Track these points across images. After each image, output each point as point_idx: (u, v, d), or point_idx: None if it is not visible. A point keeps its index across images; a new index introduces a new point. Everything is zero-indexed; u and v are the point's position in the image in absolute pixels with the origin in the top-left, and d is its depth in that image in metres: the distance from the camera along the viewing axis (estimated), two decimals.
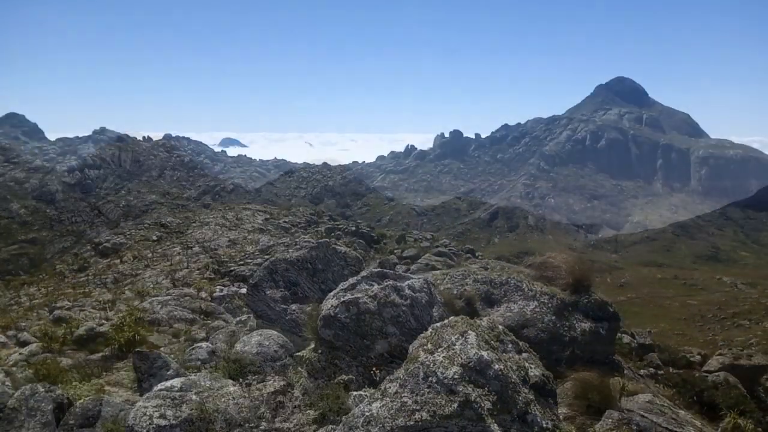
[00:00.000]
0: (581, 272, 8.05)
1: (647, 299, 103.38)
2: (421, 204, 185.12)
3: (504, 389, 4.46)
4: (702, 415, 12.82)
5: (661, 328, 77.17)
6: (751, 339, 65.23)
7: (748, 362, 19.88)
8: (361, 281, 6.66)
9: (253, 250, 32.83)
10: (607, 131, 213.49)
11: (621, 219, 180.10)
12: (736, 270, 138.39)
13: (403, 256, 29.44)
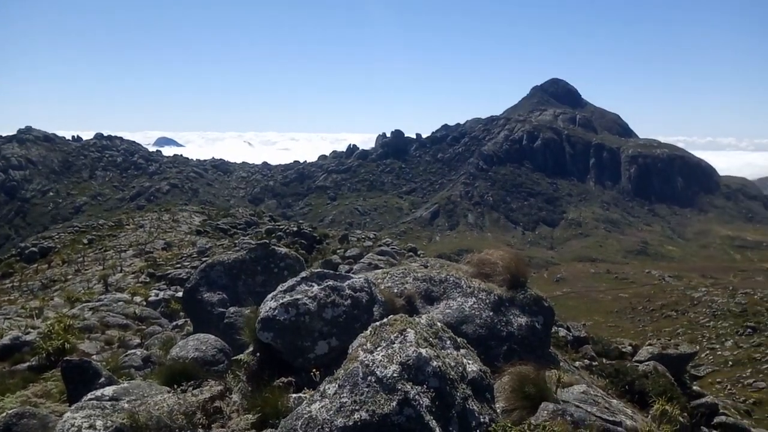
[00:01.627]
0: (517, 268, 8.23)
1: (582, 293, 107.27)
2: (364, 203, 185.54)
3: (442, 386, 4.51)
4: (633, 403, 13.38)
5: (595, 320, 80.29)
6: (678, 329, 68.77)
7: (675, 351, 20.82)
8: (301, 282, 6.59)
9: (191, 252, 32.00)
10: (543, 131, 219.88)
11: (556, 216, 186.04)
12: (663, 264, 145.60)
13: (346, 255, 29.35)
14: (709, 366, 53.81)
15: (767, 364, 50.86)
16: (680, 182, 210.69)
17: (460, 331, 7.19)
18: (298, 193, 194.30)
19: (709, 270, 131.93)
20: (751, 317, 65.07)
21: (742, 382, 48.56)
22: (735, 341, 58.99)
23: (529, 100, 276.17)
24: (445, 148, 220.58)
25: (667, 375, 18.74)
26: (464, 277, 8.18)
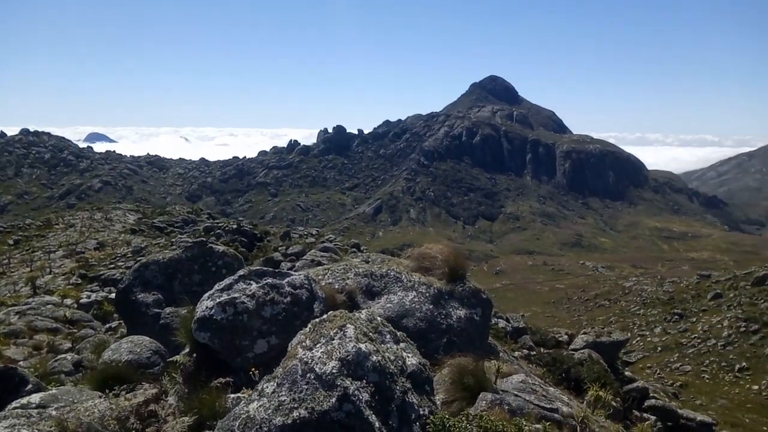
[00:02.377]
0: (456, 262, 8.36)
1: (520, 285, 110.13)
2: (306, 200, 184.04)
3: (382, 380, 4.52)
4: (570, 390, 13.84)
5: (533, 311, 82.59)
6: (611, 317, 71.62)
7: (608, 339, 21.61)
8: (239, 280, 6.45)
9: (125, 252, 30.88)
10: (482, 127, 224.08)
11: (495, 210, 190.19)
12: (596, 255, 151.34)
13: (288, 253, 28.99)
14: (640, 352, 56.32)
15: (693, 348, 53.69)
16: (611, 176, 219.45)
17: (401, 324, 7.24)
18: (237, 189, 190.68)
19: (638, 260, 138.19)
20: (677, 304, 68.48)
21: (670, 367, 51.08)
22: (663, 328, 61.96)
23: (468, 96, 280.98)
24: (387, 143, 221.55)
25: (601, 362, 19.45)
26: (405, 271, 8.23)
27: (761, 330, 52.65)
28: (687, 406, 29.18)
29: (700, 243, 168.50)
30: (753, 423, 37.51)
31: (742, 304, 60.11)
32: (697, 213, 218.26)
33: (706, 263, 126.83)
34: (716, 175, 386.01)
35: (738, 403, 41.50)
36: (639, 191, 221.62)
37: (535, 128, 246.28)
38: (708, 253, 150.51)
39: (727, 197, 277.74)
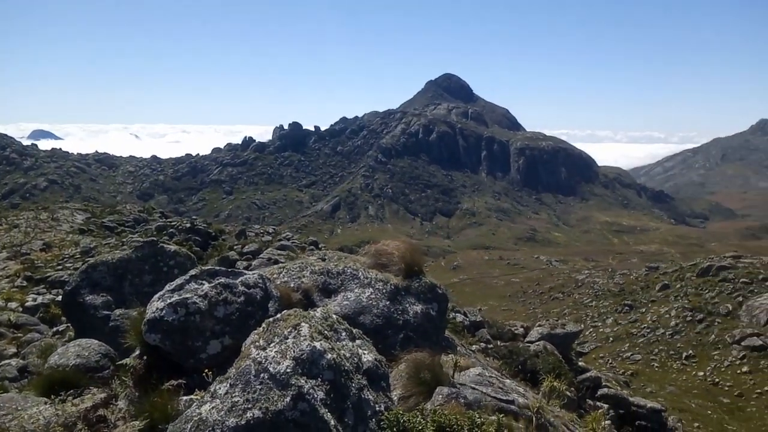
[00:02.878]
0: (413, 257, 8.39)
1: (477, 279, 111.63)
2: (262, 197, 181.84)
3: (337, 378, 4.50)
4: (526, 382, 14.09)
5: (490, 305, 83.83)
6: (565, 309, 73.36)
7: (562, 330, 22.06)
8: (190, 280, 6.31)
9: (73, 252, 29.87)
10: (438, 125, 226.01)
11: (452, 207, 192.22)
12: (550, 249, 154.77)
13: (244, 252, 28.56)
14: (593, 342, 57.90)
15: (642, 338, 55.50)
16: (564, 172, 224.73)
17: (358, 321, 7.22)
18: (191, 187, 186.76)
19: (590, 254, 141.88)
20: (627, 296, 70.68)
21: (621, 356, 52.69)
22: (615, 318, 63.83)
23: (424, 94, 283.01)
24: (344, 140, 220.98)
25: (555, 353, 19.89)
26: (362, 268, 8.21)
27: (706, 319, 54.83)
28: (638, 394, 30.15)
29: (648, 236, 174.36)
30: (699, 408, 39.08)
31: (688, 294, 62.44)
32: (645, 207, 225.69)
33: (654, 256, 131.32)
34: (663, 170, 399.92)
35: (685, 389, 43.16)
36: (590, 187, 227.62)
37: (490, 126, 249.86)
38: (656, 246, 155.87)
39: (673, 192, 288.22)
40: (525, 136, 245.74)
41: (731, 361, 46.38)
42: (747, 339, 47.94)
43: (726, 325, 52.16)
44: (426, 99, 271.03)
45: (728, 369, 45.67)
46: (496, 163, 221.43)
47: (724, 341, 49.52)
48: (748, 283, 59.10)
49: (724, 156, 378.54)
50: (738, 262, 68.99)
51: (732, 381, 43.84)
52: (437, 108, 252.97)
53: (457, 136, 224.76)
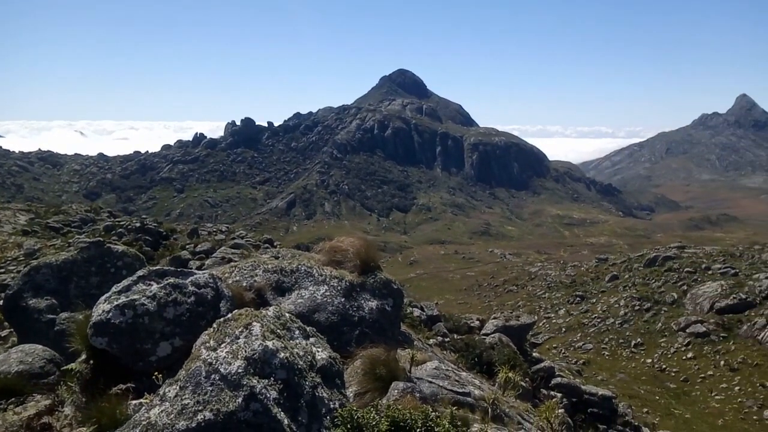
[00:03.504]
0: (367, 254, 8.38)
1: (433, 274, 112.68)
2: (215, 195, 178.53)
3: (291, 377, 4.44)
4: (482, 374, 14.29)
5: (446, 299, 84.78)
6: (519, 301, 74.82)
7: (516, 322, 22.45)
8: (138, 281, 6.13)
9: (16, 255, 28.67)
10: (393, 120, 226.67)
11: (408, 202, 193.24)
12: (504, 243, 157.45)
13: (197, 251, 27.99)
14: (546, 333, 59.30)
15: (594, 328, 57.15)
16: (516, 167, 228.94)
17: (313, 319, 7.17)
18: (140, 186, 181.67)
19: (543, 247, 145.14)
20: (579, 287, 72.67)
21: (573, 346, 54.15)
22: (567, 309, 65.54)
23: (378, 90, 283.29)
24: (298, 136, 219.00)
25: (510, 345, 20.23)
26: (316, 265, 8.15)
27: (653, 308, 56.86)
28: (590, 382, 31.04)
29: (597, 228, 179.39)
30: (647, 393, 40.54)
31: (636, 284, 64.62)
32: (594, 200, 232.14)
33: (604, 247, 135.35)
34: (611, 164, 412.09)
35: (634, 376, 44.70)
36: (541, 181, 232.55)
37: (444, 121, 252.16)
38: (605, 238, 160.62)
39: (621, 185, 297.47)
40: (478, 131, 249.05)
41: (677, 348, 48.27)
42: (691, 326, 49.98)
43: (672, 313, 54.24)
44: (380, 94, 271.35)
45: (674, 355, 47.53)
46: (451, 159, 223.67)
47: (671, 329, 51.50)
48: (692, 272, 61.58)
49: (668, 150, 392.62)
50: (682, 252, 71.80)
51: (678, 367, 45.65)
52: (392, 103, 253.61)
53: (412, 132, 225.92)
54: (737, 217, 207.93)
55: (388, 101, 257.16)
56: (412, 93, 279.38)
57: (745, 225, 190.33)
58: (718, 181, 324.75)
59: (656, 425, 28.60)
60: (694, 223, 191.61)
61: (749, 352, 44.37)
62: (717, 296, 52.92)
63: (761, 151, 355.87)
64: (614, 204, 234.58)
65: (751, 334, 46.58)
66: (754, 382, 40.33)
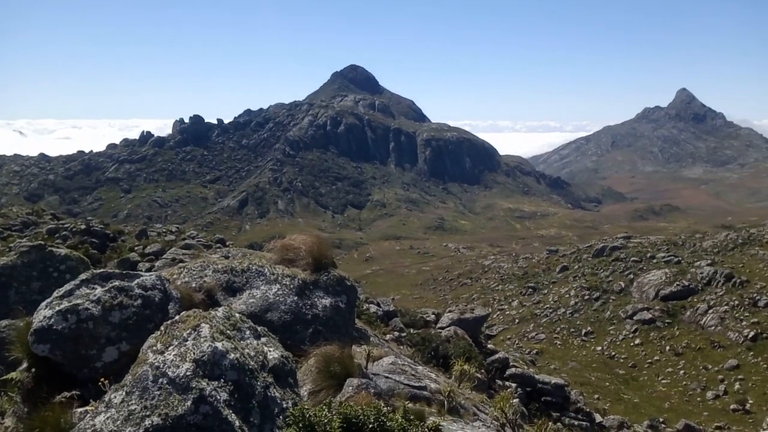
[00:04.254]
0: (320, 251, 8.33)
1: (389, 269, 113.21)
2: (164, 195, 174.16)
3: (242, 377, 4.38)
4: (438, 367, 14.45)
5: (402, 294, 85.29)
6: (473, 294, 75.94)
7: (471, 315, 22.80)
8: (81, 285, 5.91)
9: None
10: (346, 117, 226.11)
11: (363, 198, 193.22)
12: (458, 237, 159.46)
13: (146, 252, 27.26)
14: (500, 325, 60.43)
15: (546, 318, 58.55)
16: (468, 162, 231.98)
17: (265, 319, 7.08)
18: (85, 186, 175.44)
19: (495, 240, 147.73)
20: (531, 279, 74.31)
21: (527, 336, 55.36)
22: (520, 301, 66.93)
23: (330, 85, 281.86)
24: (249, 133, 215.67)
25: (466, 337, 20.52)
26: (268, 264, 8.05)
27: (602, 297, 58.67)
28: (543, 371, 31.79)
29: (547, 221, 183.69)
30: (598, 380, 41.82)
31: (585, 274, 66.51)
32: (544, 193, 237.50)
33: (554, 239, 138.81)
34: (559, 158, 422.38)
35: (585, 363, 46.05)
36: (493, 175, 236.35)
37: (397, 117, 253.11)
38: (555, 230, 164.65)
39: (569, 178, 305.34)
40: (430, 127, 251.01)
41: (625, 335, 50.00)
42: (638, 313, 51.85)
43: (620, 302, 56.11)
44: (332, 90, 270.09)
45: (623, 342, 49.21)
46: (404, 155, 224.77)
47: (619, 317, 53.28)
48: (638, 261, 63.81)
49: (613, 143, 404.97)
50: (628, 242, 74.31)
51: (626, 353, 47.29)
52: (344, 99, 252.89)
53: (365, 128, 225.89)
54: (679, 207, 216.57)
55: (340, 97, 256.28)
56: (364, 89, 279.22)
57: (687, 215, 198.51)
58: (661, 173, 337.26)
59: (607, 410, 29.53)
60: (639, 214, 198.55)
61: (692, 336, 46.33)
62: (661, 284, 55.03)
63: (700, 143, 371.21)
64: (563, 197, 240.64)
65: (694, 320, 48.64)
66: (698, 365, 42.15)
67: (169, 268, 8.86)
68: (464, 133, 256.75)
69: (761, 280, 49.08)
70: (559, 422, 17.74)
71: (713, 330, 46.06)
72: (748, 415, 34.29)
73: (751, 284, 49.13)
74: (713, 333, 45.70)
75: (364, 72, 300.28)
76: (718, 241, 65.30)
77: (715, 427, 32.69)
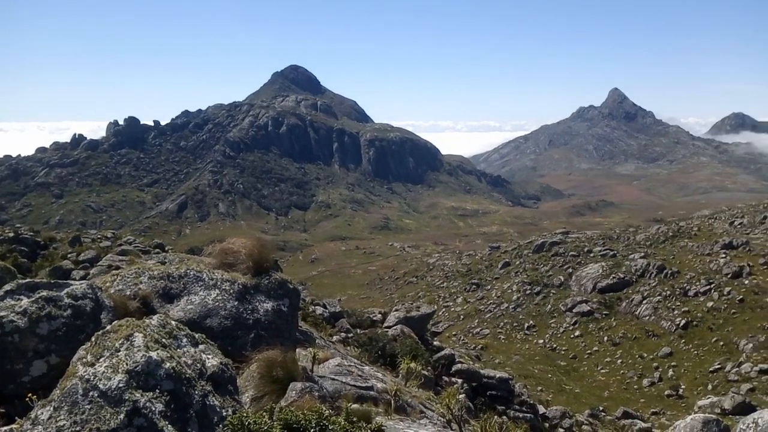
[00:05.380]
0: (261, 254, 8.18)
1: (335, 270, 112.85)
2: (98, 199, 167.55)
3: (178, 387, 4.23)
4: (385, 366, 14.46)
5: (349, 294, 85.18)
6: (419, 292, 76.65)
7: (417, 313, 22.97)
8: (5, 296, 5.60)
9: None
10: (287, 117, 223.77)
11: (307, 200, 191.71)
12: (403, 236, 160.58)
13: (80, 260, 26.08)
14: (446, 321, 61.24)
15: (489, 313, 59.73)
16: (412, 162, 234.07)
17: (205, 325, 6.90)
18: (12, 192, 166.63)
19: (439, 238, 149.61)
20: (474, 275, 75.65)
21: (471, 332, 56.31)
22: (464, 297, 68.02)
23: (271, 86, 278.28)
24: (187, 135, 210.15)
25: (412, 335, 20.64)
26: (206, 269, 7.85)
27: (543, 291, 60.32)
28: (488, 366, 32.39)
29: (489, 218, 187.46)
30: (541, 372, 42.95)
31: (526, 270, 68.22)
32: (485, 192, 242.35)
33: (495, 236, 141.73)
34: (499, 156, 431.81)
35: (528, 356, 47.22)
36: (436, 174, 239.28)
37: (339, 117, 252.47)
38: (496, 227, 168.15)
39: (509, 176, 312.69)
40: (374, 127, 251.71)
41: (566, 328, 51.58)
42: (577, 306, 53.60)
43: (560, 295, 57.85)
44: (273, 91, 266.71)
45: (563, 335, 50.76)
46: (348, 155, 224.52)
47: (559, 310, 54.93)
48: (576, 255, 65.97)
49: (550, 142, 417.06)
50: (567, 237, 76.71)
51: (567, 345, 48.79)
52: (285, 100, 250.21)
53: (307, 129, 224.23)
54: (614, 202, 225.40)
55: (281, 97, 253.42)
56: (305, 89, 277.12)
57: (621, 209, 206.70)
58: (596, 170, 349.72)
59: (550, 402, 30.35)
60: (576, 210, 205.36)
61: (629, 326, 48.26)
62: (598, 277, 57.08)
63: (632, 141, 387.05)
64: (504, 194, 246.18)
65: (629, 310, 50.69)
66: (634, 354, 43.94)
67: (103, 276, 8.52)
68: (407, 133, 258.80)
69: (690, 271, 51.63)
70: (504, 415, 18.06)
71: (647, 320, 48.11)
72: (681, 399, 35.98)
73: (681, 275, 51.58)
74: (647, 322, 47.72)
75: (306, 72, 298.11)
76: (650, 234, 68.31)
77: (651, 412, 34.12)
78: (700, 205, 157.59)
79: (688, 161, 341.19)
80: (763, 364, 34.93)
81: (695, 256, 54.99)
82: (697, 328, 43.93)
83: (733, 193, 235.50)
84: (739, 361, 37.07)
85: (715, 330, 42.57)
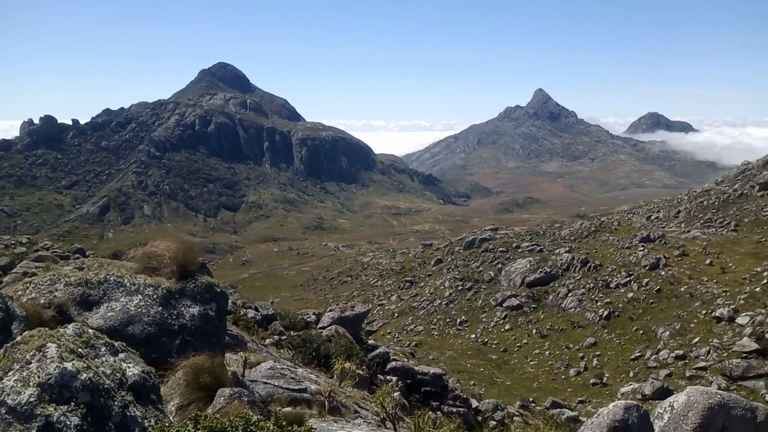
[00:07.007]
0: (186, 258, 7.91)
1: (268, 272, 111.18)
2: (12, 203, 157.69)
3: (96, 398, 4.02)
4: (320, 368, 14.34)
5: (282, 296, 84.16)
6: (354, 292, 76.65)
7: (351, 312, 22.95)
8: None
9: None
10: (215, 116, 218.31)
11: (237, 200, 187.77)
12: (337, 235, 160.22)
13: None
14: (380, 320, 61.54)
15: (423, 310, 60.46)
16: (345, 161, 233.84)
17: (127, 333, 6.61)
18: None
19: (373, 237, 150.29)
20: (408, 273, 76.44)
21: (406, 329, 56.81)
22: (398, 295, 68.57)
23: (197, 84, 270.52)
24: (109, 134, 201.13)
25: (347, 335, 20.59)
26: (128, 274, 7.51)
27: (474, 286, 61.64)
28: (422, 362, 32.80)
29: (421, 216, 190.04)
30: (473, 366, 43.89)
31: (458, 266, 69.54)
32: (418, 190, 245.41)
33: (428, 234, 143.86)
34: (430, 156, 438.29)
35: (461, 351, 48.12)
36: (369, 174, 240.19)
37: (270, 116, 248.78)
38: (428, 225, 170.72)
39: (440, 175, 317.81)
40: (306, 126, 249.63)
41: (496, 322, 52.91)
42: (507, 300, 55.10)
43: (490, 290, 59.30)
44: (200, 89, 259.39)
45: (494, 329, 52.05)
46: (279, 154, 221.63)
47: (490, 304, 56.28)
48: (505, 251, 67.81)
49: (479, 141, 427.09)
50: (496, 233, 78.72)
51: (498, 339, 50.07)
52: (213, 98, 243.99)
53: (237, 128, 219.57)
54: (540, 199, 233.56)
55: (209, 96, 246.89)
56: (234, 87, 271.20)
57: (546, 206, 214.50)
58: (523, 168, 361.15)
59: (482, 395, 31.05)
60: (505, 207, 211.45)
61: (555, 319, 50.06)
62: (526, 271, 58.90)
63: (556, 140, 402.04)
64: (435, 193, 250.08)
65: (556, 303, 52.59)
66: (561, 345, 45.61)
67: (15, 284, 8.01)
68: (340, 132, 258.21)
69: (612, 264, 54.12)
70: (439, 410, 18.32)
71: (573, 312, 50.06)
72: (606, 387, 37.64)
73: (603, 267, 53.99)
74: (573, 314, 49.66)
75: (234, 70, 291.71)
76: (574, 229, 71.16)
77: (578, 401, 35.49)
78: (620, 201, 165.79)
79: (608, 159, 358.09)
80: (679, 351, 37.03)
81: (616, 249, 57.69)
82: (618, 318, 46.06)
83: (650, 189, 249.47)
84: (657, 348, 39.14)
85: (635, 319, 44.77)
